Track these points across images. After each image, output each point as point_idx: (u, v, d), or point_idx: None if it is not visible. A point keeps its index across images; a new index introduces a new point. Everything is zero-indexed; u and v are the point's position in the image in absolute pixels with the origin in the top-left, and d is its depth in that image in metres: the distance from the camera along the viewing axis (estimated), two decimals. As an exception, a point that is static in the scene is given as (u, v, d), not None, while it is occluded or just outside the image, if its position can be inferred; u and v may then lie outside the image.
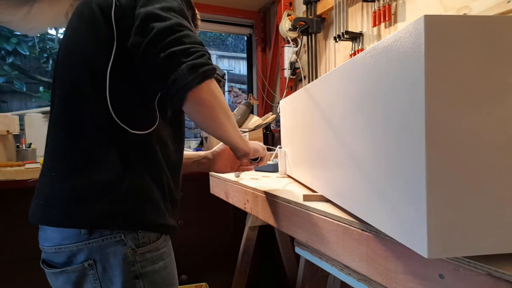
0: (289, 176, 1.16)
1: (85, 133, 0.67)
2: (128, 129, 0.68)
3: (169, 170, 0.75)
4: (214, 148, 1.01)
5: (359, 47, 1.49)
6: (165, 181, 0.74)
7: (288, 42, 1.91)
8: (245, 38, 2.63)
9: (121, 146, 0.68)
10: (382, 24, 1.37)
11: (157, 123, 0.72)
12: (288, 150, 1.13)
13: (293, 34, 1.85)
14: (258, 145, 0.89)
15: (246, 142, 0.80)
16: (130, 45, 0.64)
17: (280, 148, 1.16)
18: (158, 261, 0.71)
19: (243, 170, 1.02)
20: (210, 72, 0.63)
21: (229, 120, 0.70)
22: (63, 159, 0.68)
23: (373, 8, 1.36)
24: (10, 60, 3.63)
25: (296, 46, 1.90)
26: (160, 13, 0.62)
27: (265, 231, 1.72)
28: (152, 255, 0.70)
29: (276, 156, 1.21)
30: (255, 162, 0.95)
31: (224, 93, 2.11)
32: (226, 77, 2.18)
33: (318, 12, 1.70)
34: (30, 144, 1.63)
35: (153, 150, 0.72)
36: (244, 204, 1.07)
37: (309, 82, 1.71)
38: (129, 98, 0.69)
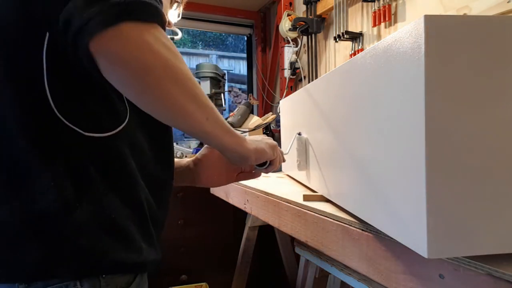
0: (289, 176, 1.16)
1: (14, 140, 0.45)
2: (81, 132, 0.46)
3: (148, 185, 0.54)
4: (196, 155, 0.74)
5: (359, 47, 1.49)
6: (144, 198, 0.53)
7: (288, 42, 1.91)
8: (245, 38, 2.63)
9: (72, 158, 0.46)
10: (382, 24, 1.37)
11: (127, 119, 0.50)
12: (311, 138, 0.81)
13: (293, 34, 1.85)
14: (262, 143, 0.60)
15: (240, 138, 0.54)
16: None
17: (299, 135, 0.85)
18: None
19: (246, 179, 0.76)
20: (137, 6, 0.38)
21: (190, 94, 0.43)
22: None
23: (373, 8, 1.36)
24: None
25: (296, 46, 1.90)
26: None
27: (265, 231, 1.72)
28: None
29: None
30: (263, 168, 0.67)
31: (224, 93, 2.10)
32: (226, 77, 2.18)
33: (318, 12, 1.70)
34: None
35: (122, 159, 0.50)
36: (244, 204, 1.07)
37: (309, 82, 1.71)
38: (81, 85, 0.46)
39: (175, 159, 0.72)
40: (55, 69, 0.45)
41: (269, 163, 0.66)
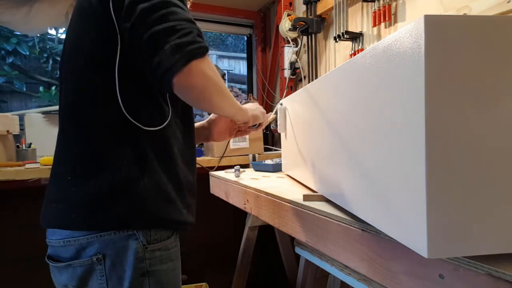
0: (289, 176, 1.16)
1: (97, 134, 0.65)
2: (142, 126, 0.66)
3: (185, 164, 0.74)
4: (210, 116, 1.00)
5: (359, 47, 1.49)
6: (182, 176, 0.73)
7: (288, 42, 1.91)
8: (245, 38, 2.63)
9: (136, 145, 0.66)
10: (382, 24, 1.37)
11: (169, 117, 0.70)
12: (289, 107, 1.03)
13: (293, 34, 1.85)
14: (257, 110, 0.90)
15: (245, 111, 0.82)
16: (121, 33, 0.61)
17: (281, 104, 1.07)
18: (167, 261, 0.70)
19: (242, 135, 1.04)
20: (197, 50, 0.58)
21: (224, 98, 0.67)
22: (77, 162, 0.66)
23: (373, 8, 1.36)
24: (10, 60, 3.63)
25: (296, 46, 1.90)
26: None
27: (265, 231, 1.72)
28: (162, 253, 0.69)
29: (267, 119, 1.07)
30: (254, 128, 0.99)
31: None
32: (226, 77, 2.18)
33: (318, 12, 1.70)
34: (30, 144, 1.63)
35: (168, 146, 0.70)
36: (244, 204, 1.07)
37: (309, 82, 1.71)
38: (140, 93, 0.67)
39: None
40: (124, 83, 0.65)
41: (258, 125, 0.96)
